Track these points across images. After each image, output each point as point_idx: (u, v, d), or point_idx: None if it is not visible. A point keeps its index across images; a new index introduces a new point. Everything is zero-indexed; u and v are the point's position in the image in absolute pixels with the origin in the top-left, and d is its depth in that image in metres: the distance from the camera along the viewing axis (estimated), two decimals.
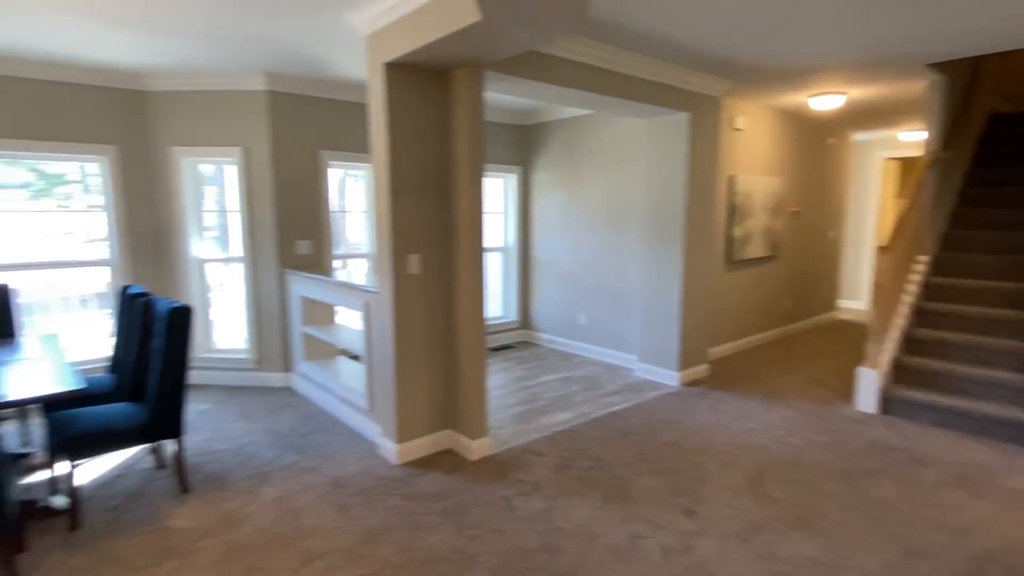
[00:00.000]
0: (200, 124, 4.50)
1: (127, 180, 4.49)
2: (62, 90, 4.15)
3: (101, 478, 3.11)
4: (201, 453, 3.44)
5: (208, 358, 4.79)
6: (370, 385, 3.62)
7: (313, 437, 3.69)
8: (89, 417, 2.76)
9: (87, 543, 2.51)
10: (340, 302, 3.89)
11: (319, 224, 4.80)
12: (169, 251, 4.69)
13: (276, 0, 2.82)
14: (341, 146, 4.86)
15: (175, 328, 2.78)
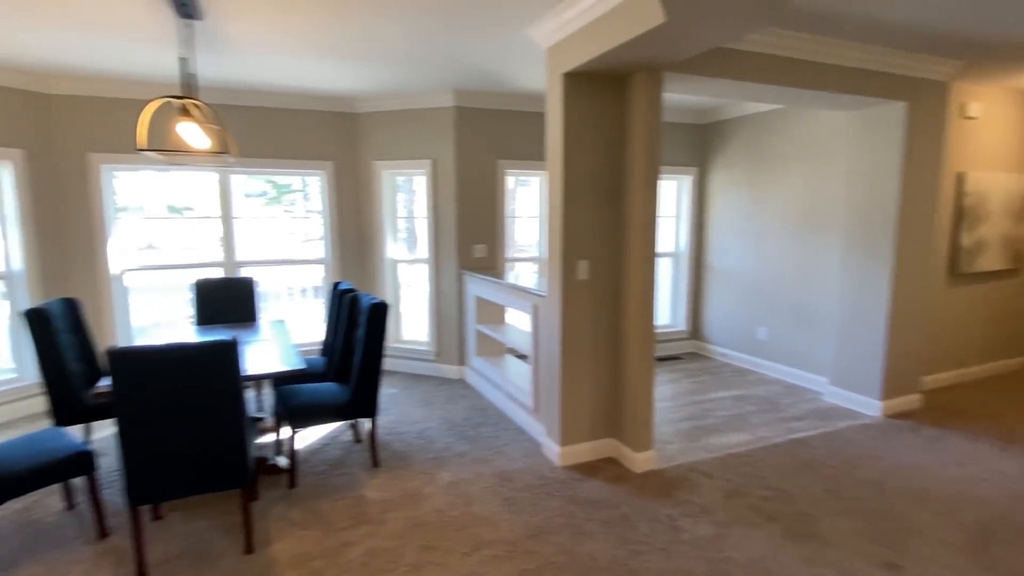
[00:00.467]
0: (397, 140, 5.04)
1: (339, 191, 5.21)
2: (294, 116, 4.96)
3: (312, 445, 3.64)
4: (389, 433, 3.85)
5: (396, 348, 5.35)
6: (536, 386, 3.73)
7: (483, 429, 3.91)
8: (307, 392, 3.26)
9: (301, 500, 2.96)
10: (510, 303, 4.07)
11: (494, 229, 5.08)
12: (369, 252, 5.33)
13: (467, 22, 3.05)
14: (516, 155, 5.08)
15: (374, 321, 3.15)
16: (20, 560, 2.46)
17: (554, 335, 3.35)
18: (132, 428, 2.22)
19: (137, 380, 2.18)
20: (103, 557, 2.47)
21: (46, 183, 4.28)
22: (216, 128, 2.73)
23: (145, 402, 2.22)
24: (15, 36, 3.21)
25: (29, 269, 4.18)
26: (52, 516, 2.81)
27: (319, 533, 2.65)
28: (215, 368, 2.29)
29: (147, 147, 3.60)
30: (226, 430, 2.37)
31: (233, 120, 4.76)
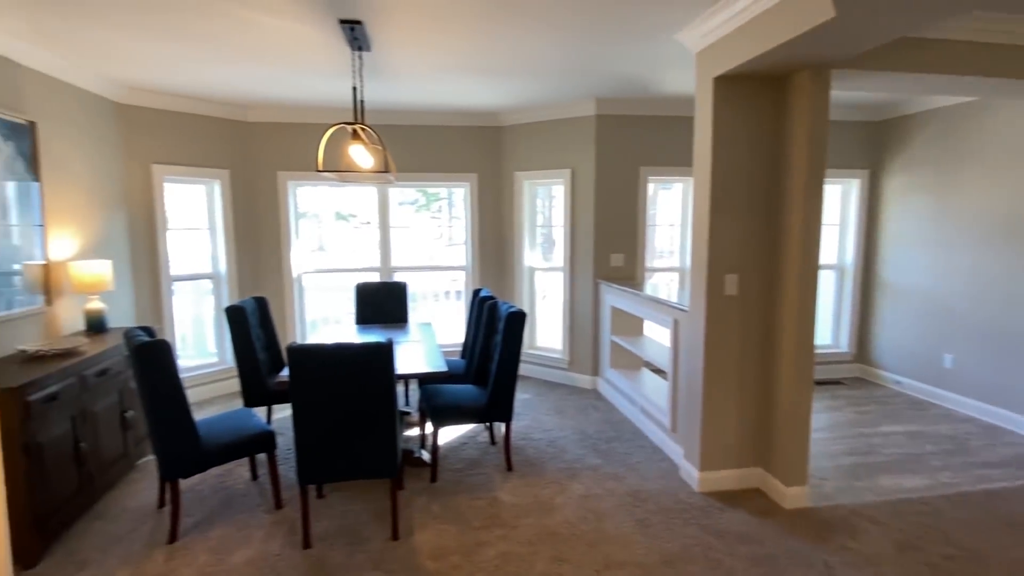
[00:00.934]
0: (538, 150, 5.15)
1: (481, 200, 5.45)
2: (443, 132, 5.30)
3: (451, 443, 3.85)
4: (522, 438, 3.94)
5: (530, 354, 5.46)
6: (674, 404, 3.58)
7: (616, 444, 3.84)
8: (448, 393, 3.45)
9: (441, 495, 3.13)
10: (648, 316, 3.95)
11: (633, 237, 4.97)
12: (507, 260, 5.51)
13: (617, 34, 3.03)
14: (659, 160, 4.92)
15: (511, 329, 3.25)
16: (216, 519, 2.90)
17: (696, 352, 3.19)
18: (304, 415, 2.52)
19: (309, 373, 2.47)
20: (277, 526, 2.83)
21: (244, 198, 5.02)
22: (379, 149, 3.00)
23: (315, 393, 2.50)
24: (224, 76, 3.82)
25: (230, 270, 4.94)
26: (241, 484, 3.28)
27: (456, 529, 2.79)
28: (372, 367, 2.51)
29: (324, 168, 4.08)
30: (379, 423, 2.59)
31: (390, 138, 5.21)
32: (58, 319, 3.47)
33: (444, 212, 5.81)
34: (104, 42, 3.10)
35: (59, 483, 2.70)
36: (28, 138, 3.20)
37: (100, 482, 3.07)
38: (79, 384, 2.89)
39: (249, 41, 3.11)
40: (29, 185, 3.21)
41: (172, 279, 4.65)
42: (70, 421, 2.81)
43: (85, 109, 3.79)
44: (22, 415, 2.46)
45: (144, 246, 4.42)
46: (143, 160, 4.35)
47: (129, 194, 4.30)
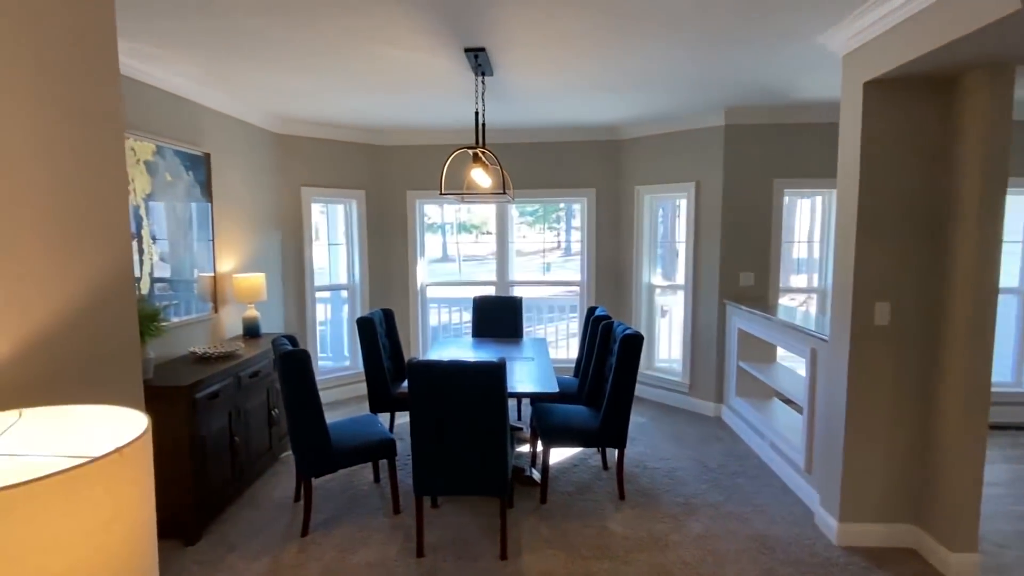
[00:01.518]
0: (660, 164, 4.97)
1: (599, 215, 5.37)
2: (561, 148, 5.31)
3: (562, 464, 3.80)
4: (636, 465, 3.78)
5: (647, 375, 5.25)
6: (809, 442, 3.22)
7: (740, 479, 3.55)
8: (560, 414, 3.41)
9: (550, 517, 3.10)
10: (781, 343, 3.61)
11: (765, 256, 4.60)
12: (625, 276, 5.37)
13: (751, 40, 2.84)
14: (795, 172, 4.52)
15: (626, 352, 3.14)
16: (342, 518, 3.12)
17: (838, 387, 2.85)
18: (420, 428, 2.63)
19: (426, 388, 2.57)
20: (395, 531, 2.97)
21: (377, 215, 5.41)
22: (497, 170, 3.07)
23: (430, 408, 2.60)
24: (362, 105, 4.14)
25: (363, 282, 5.34)
26: (365, 485, 3.50)
27: (565, 556, 2.73)
28: (485, 385, 2.56)
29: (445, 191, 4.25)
30: (490, 442, 2.62)
31: (509, 155, 5.32)
32: (222, 324, 3.97)
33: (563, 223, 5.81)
34: (264, 81, 3.51)
35: (216, 472, 3.07)
36: (204, 167, 3.71)
37: (249, 473, 3.44)
38: (235, 384, 3.27)
39: (382, 73, 3.34)
40: (204, 207, 3.71)
41: (315, 289, 5.13)
42: (227, 417, 3.19)
43: (249, 140, 4.32)
44: (190, 410, 2.83)
45: (292, 260, 4.92)
46: (294, 183, 4.86)
47: (282, 214, 4.82)
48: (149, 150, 3.18)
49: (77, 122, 1.13)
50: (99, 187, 1.18)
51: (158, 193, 3.26)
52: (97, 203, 1.17)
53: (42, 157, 1.05)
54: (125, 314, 1.23)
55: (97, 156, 1.17)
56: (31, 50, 1.03)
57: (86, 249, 1.14)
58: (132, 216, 3.04)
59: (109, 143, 1.20)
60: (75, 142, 1.12)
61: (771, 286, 4.63)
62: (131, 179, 3.04)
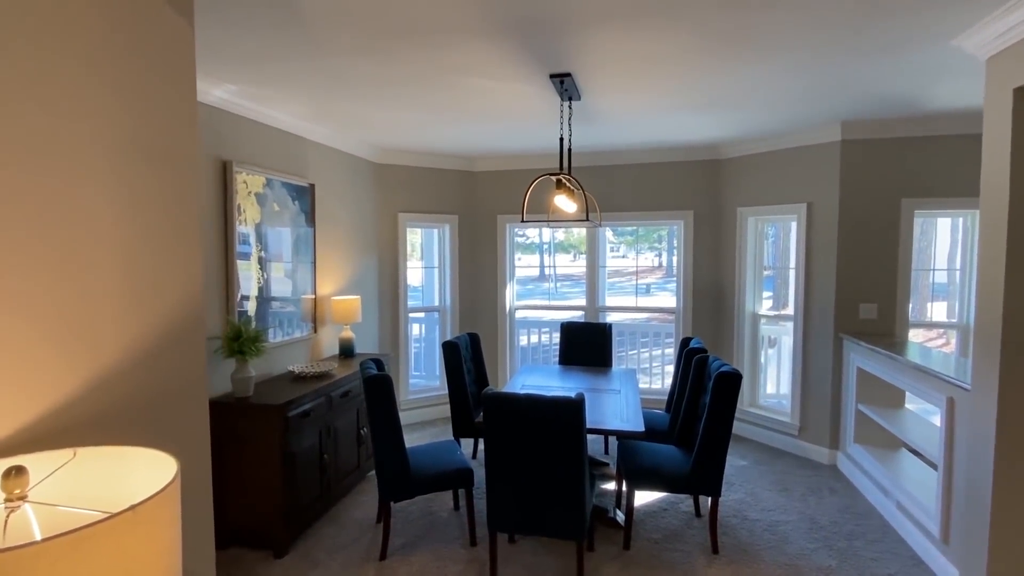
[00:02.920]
0: (766, 184, 4.60)
1: (697, 239, 5.07)
2: (654, 170, 5.09)
3: (650, 506, 3.55)
4: (734, 514, 3.44)
5: (752, 413, 4.82)
6: (946, 507, 2.75)
7: (858, 543, 3.10)
8: (648, 454, 3.19)
9: (633, 566, 2.88)
10: (908, 387, 3.14)
11: (891, 285, 4.07)
12: (725, 305, 5.00)
13: (873, 47, 2.54)
14: (929, 191, 3.97)
15: (722, 392, 2.87)
16: (419, 544, 3.11)
17: (983, 446, 2.40)
18: (494, 462, 2.55)
19: (500, 422, 2.50)
20: (470, 564, 2.91)
21: (468, 239, 5.50)
22: (582, 195, 2.97)
23: (505, 442, 2.52)
24: (454, 134, 4.23)
25: (453, 304, 5.43)
26: (444, 512, 3.48)
27: None
28: (562, 422, 2.44)
29: (530, 217, 4.21)
30: (566, 483, 2.49)
31: (598, 178, 5.19)
32: (320, 344, 4.18)
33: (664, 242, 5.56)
34: (362, 114, 3.70)
35: (305, 488, 3.20)
36: (308, 197, 3.96)
37: (336, 490, 3.55)
38: (326, 403, 3.41)
39: (471, 103, 3.38)
40: (307, 233, 3.96)
41: (409, 311, 5.29)
42: (317, 435, 3.32)
43: (350, 170, 4.57)
44: (283, 427, 2.97)
45: (388, 283, 5.12)
46: (391, 209, 5.08)
47: (379, 239, 5.04)
48: (260, 183, 3.45)
49: (154, 166, 1.19)
50: (173, 229, 1.24)
51: (267, 221, 3.52)
52: (171, 244, 1.22)
53: (117, 198, 1.12)
54: (193, 353, 1.28)
55: (173, 200, 1.23)
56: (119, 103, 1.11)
57: (159, 289, 1.20)
58: (242, 242, 3.30)
59: (184, 188, 1.26)
60: (150, 185, 1.19)
61: (899, 320, 4.08)
62: (243, 210, 3.30)
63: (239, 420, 3.00)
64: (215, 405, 3.02)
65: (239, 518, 3.04)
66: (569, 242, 8.93)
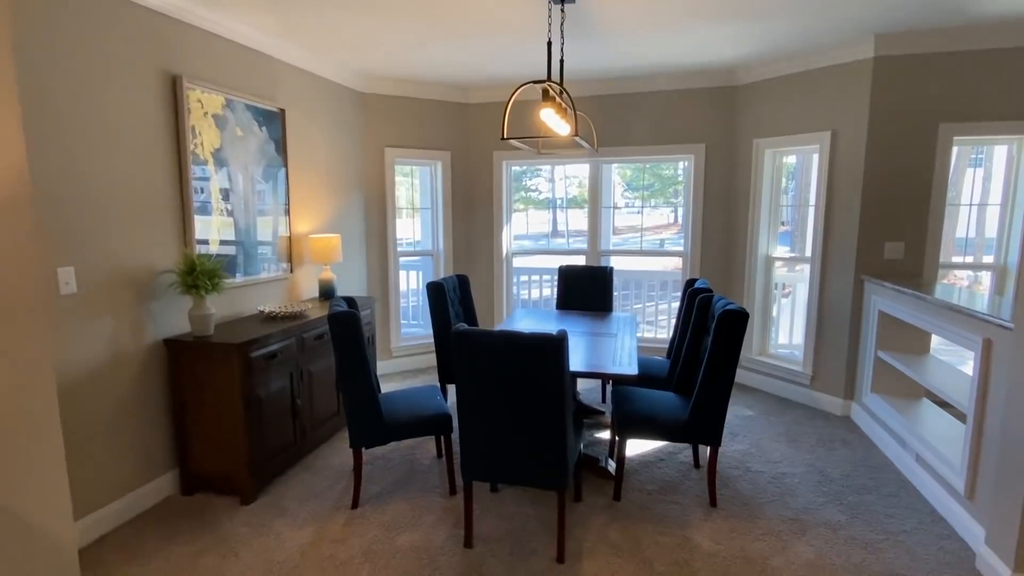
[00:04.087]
0: (785, 111, 4.15)
1: (708, 175, 4.66)
2: (661, 98, 4.64)
3: (646, 456, 3.31)
4: (736, 466, 3.20)
5: (762, 362, 4.52)
6: (973, 460, 2.46)
7: (871, 498, 2.84)
8: (643, 400, 2.92)
9: (622, 518, 2.66)
10: (937, 329, 2.81)
11: (922, 221, 3.67)
12: (736, 246, 4.63)
13: None
14: (971, 114, 3.52)
15: (725, 332, 2.57)
16: (395, 493, 2.91)
17: (1023, 391, 2.09)
18: (467, 407, 2.30)
19: (473, 362, 2.23)
20: (447, 514, 2.71)
21: (462, 178, 5.14)
22: (575, 114, 2.60)
23: (478, 384, 2.26)
24: (443, 55, 3.82)
25: (447, 247, 5.12)
26: (427, 460, 3.28)
27: (633, 568, 2.29)
28: (541, 362, 2.16)
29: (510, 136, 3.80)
30: (545, 427, 2.23)
31: (600, 109, 4.76)
32: (299, 285, 3.93)
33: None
34: (333, 30, 3.30)
35: (275, 433, 2.99)
36: (278, 123, 3.62)
37: (313, 436, 3.36)
38: (298, 345, 3.17)
39: (455, 9, 2.97)
40: (279, 163, 3.64)
41: (399, 254, 5.00)
42: (288, 378, 3.10)
43: (329, 97, 4.20)
44: (244, 369, 2.74)
45: (376, 223, 4.81)
46: (377, 144, 4.72)
47: (365, 175, 4.70)
48: (218, 103, 3.11)
49: None
50: None
51: (228, 148, 3.20)
52: None
53: None
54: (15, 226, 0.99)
55: None
56: None
57: None
58: (199, 170, 2.99)
59: None
60: None
61: (928, 260, 3.70)
62: (199, 132, 2.98)
63: (197, 360, 2.78)
64: (172, 343, 2.79)
65: (204, 464, 2.86)
66: (583, 197, 8.55)
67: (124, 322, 2.63)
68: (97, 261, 2.49)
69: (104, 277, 2.52)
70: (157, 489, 2.83)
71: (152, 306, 2.78)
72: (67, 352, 2.38)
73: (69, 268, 2.37)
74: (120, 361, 2.62)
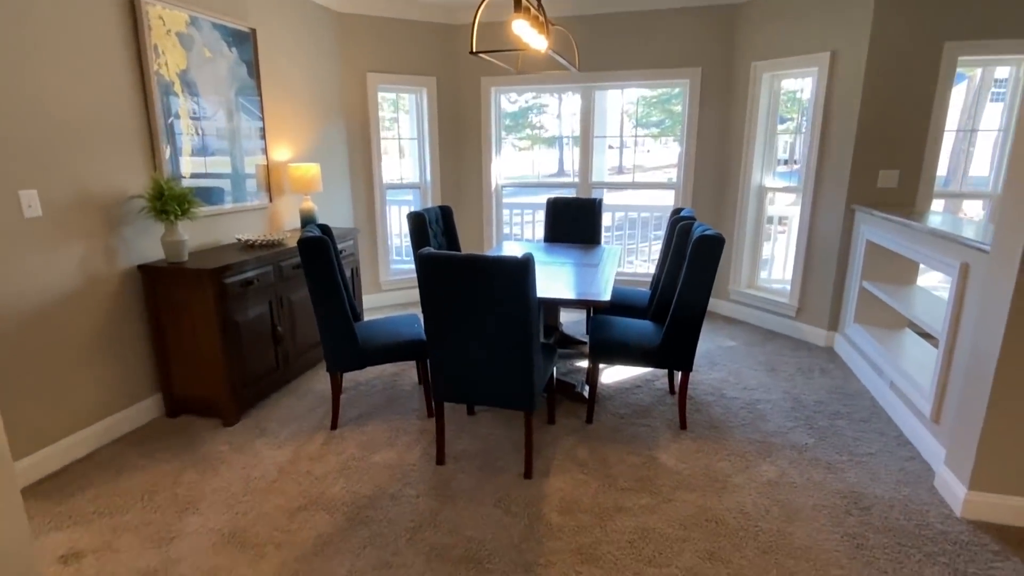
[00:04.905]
0: (785, 32, 3.93)
1: (704, 101, 4.48)
2: (657, 18, 4.39)
3: (623, 383, 3.36)
4: (711, 392, 3.24)
5: (749, 294, 4.50)
6: (941, 384, 2.47)
7: (842, 422, 2.89)
8: (617, 328, 2.93)
9: (592, 440, 2.72)
10: (921, 256, 2.76)
11: (917, 148, 3.54)
12: (731, 176, 4.51)
13: None
14: (978, 31, 3.31)
15: (700, 256, 2.54)
16: (375, 415, 2.99)
17: (995, 316, 2.06)
18: (434, 330, 2.31)
19: (439, 285, 2.22)
20: (423, 434, 2.78)
21: (450, 106, 4.97)
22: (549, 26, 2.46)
23: (445, 308, 2.25)
24: None
25: (434, 179, 5.03)
26: (408, 386, 3.35)
27: (598, 484, 2.37)
28: (504, 286, 2.15)
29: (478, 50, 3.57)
30: (511, 350, 2.25)
31: (588, 30, 4.52)
32: (280, 215, 3.89)
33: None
34: None
35: (256, 359, 3.04)
36: (249, 44, 3.47)
37: (297, 363, 3.42)
38: (276, 272, 3.17)
39: None
40: (251, 87, 3.52)
41: (385, 186, 4.92)
42: (267, 306, 3.12)
43: (304, 17, 4.01)
44: (219, 295, 2.75)
45: (360, 153, 4.70)
46: (359, 69, 4.54)
47: (346, 102, 4.55)
48: (182, 20, 2.97)
49: None
50: None
51: (195, 69, 3.08)
52: None
53: None
54: None
55: None
56: None
57: None
58: (165, 92, 2.90)
59: None
60: None
61: (922, 188, 3.60)
62: (162, 51, 2.86)
63: (173, 287, 2.78)
64: (146, 269, 2.79)
65: (186, 387, 2.93)
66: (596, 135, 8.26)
67: (96, 248, 2.63)
68: (62, 185, 2.45)
69: (70, 201, 2.49)
70: (143, 411, 2.91)
71: (125, 232, 2.76)
72: (37, 276, 2.38)
73: (32, 191, 2.34)
74: (95, 287, 2.63)
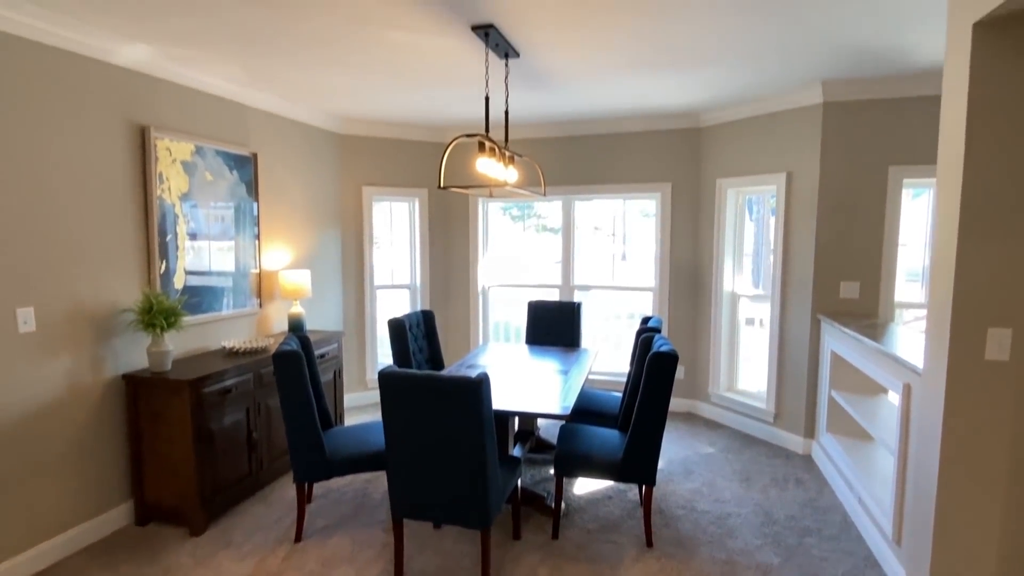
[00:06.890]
0: (745, 152, 4.27)
1: (675, 213, 4.77)
2: (630, 140, 4.78)
3: (595, 494, 3.34)
4: (683, 506, 3.21)
5: (728, 398, 4.54)
6: (899, 503, 2.47)
7: (810, 540, 2.85)
8: (584, 438, 2.98)
9: (556, 557, 2.69)
10: (873, 371, 2.85)
11: (875, 261, 3.73)
12: (703, 283, 4.70)
13: None
14: (919, 157, 3.60)
15: (655, 372, 2.64)
16: (341, 527, 2.98)
17: (932, 434, 2.13)
18: (392, 446, 2.39)
19: (398, 402, 2.33)
20: (384, 549, 2.77)
21: (440, 214, 5.30)
22: (521, 159, 2.74)
23: (403, 424, 2.34)
24: (408, 102, 4.01)
25: (423, 281, 5.26)
26: (378, 494, 3.35)
27: None
28: (459, 404, 2.25)
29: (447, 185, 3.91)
30: (466, 468, 2.30)
31: (564, 151, 4.91)
32: (268, 320, 4.07)
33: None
34: (294, 78, 3.51)
35: (229, 467, 3.09)
36: (250, 167, 3.81)
37: (270, 469, 3.45)
38: (255, 380, 3.29)
39: (399, 62, 3.15)
40: (250, 204, 3.82)
41: (376, 287, 5.14)
42: (244, 412, 3.21)
43: (305, 140, 4.41)
44: (196, 404, 2.86)
45: (353, 258, 4.97)
46: (356, 182, 4.91)
47: (343, 212, 4.88)
48: (187, 150, 3.31)
49: None
50: None
51: (197, 191, 3.38)
52: None
53: None
54: None
55: None
56: None
57: None
58: (165, 214, 3.17)
59: None
60: None
61: (883, 299, 3.74)
62: (166, 178, 3.17)
63: (152, 395, 2.90)
64: (130, 378, 2.93)
65: (157, 495, 2.96)
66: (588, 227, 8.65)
67: (84, 358, 2.78)
68: (58, 301, 2.65)
69: (64, 315, 2.68)
70: (112, 520, 2.93)
71: (114, 342, 2.93)
72: (22, 388, 2.52)
73: (28, 308, 2.53)
74: (78, 397, 2.76)
